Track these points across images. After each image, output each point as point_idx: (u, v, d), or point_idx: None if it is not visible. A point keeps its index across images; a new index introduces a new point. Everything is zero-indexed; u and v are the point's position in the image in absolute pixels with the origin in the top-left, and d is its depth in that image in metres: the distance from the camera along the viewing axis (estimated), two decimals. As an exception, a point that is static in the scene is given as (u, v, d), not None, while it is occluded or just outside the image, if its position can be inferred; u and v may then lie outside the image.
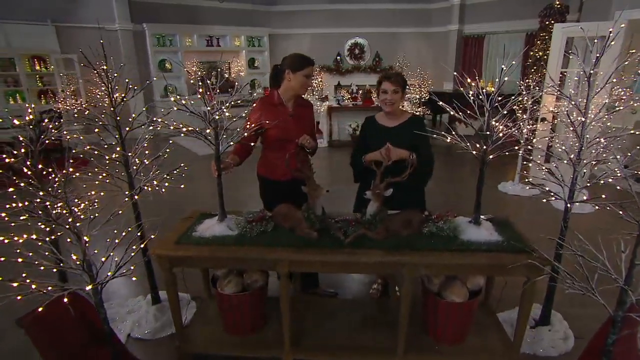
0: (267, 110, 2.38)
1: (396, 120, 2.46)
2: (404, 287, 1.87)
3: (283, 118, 2.38)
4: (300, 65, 2.31)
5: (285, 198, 2.18)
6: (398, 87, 2.32)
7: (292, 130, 2.38)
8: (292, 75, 2.33)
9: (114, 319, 2.64)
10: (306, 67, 2.32)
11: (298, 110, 2.45)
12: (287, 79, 2.36)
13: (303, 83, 2.34)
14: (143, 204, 4.58)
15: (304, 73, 2.31)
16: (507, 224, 2.15)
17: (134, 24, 8.22)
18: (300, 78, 2.32)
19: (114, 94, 2.14)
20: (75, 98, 7.34)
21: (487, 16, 8.86)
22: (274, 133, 2.38)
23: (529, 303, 1.92)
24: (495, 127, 1.82)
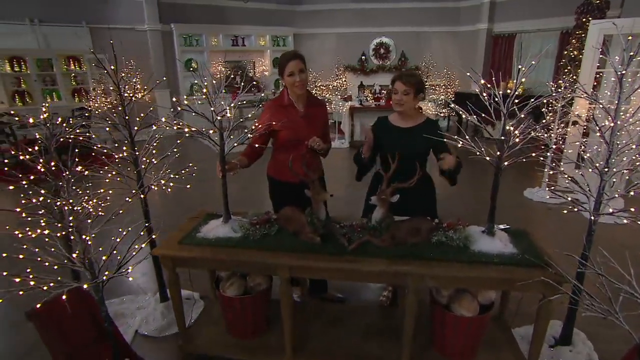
0: (277, 111, 2.35)
1: (411, 122, 2.37)
2: (409, 299, 1.79)
3: (293, 119, 2.34)
4: (281, 67, 2.28)
5: (294, 200, 2.13)
6: (410, 87, 2.23)
7: (302, 131, 2.33)
8: (282, 79, 2.32)
9: (123, 314, 2.68)
10: (285, 66, 2.25)
11: (309, 110, 2.40)
12: (282, 83, 2.36)
13: (291, 83, 2.27)
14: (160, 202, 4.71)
15: (287, 73, 2.26)
16: (525, 235, 2.02)
17: (162, 25, 8.44)
18: (287, 79, 2.27)
19: (124, 93, 2.15)
20: (106, 96, 7.61)
21: (519, 14, 8.48)
22: (284, 135, 2.35)
23: (545, 321, 1.78)
24: (510, 132, 1.70)
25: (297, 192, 2.18)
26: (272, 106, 2.40)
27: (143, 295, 2.91)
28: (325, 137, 2.47)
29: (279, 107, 2.36)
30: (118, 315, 2.67)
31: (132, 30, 8.25)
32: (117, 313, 2.68)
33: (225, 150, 2.02)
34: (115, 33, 8.09)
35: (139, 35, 8.32)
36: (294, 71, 2.24)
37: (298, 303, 2.47)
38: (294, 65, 2.23)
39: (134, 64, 7.92)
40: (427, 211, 2.22)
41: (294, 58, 2.25)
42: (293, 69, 2.23)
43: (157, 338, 2.49)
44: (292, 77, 2.25)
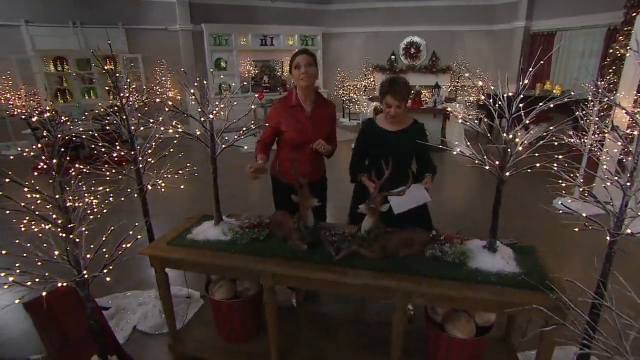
0: (284, 111, 2.32)
1: (398, 125, 2.25)
2: (396, 316, 1.67)
3: (299, 120, 2.31)
4: (290, 63, 2.30)
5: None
6: (403, 102, 2.15)
7: (308, 132, 2.29)
8: (292, 76, 2.31)
9: (126, 309, 2.73)
10: (293, 60, 2.27)
11: (316, 111, 2.36)
12: (293, 80, 2.34)
13: (297, 75, 2.25)
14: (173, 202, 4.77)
15: (294, 65, 2.26)
16: (532, 252, 1.84)
17: (193, 25, 8.65)
18: (294, 72, 2.28)
19: (123, 93, 2.17)
20: (138, 94, 7.91)
21: (560, 10, 7.94)
22: (289, 135, 2.32)
23: (549, 349, 1.61)
24: (511, 140, 1.54)
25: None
26: (279, 106, 2.37)
27: (147, 291, 2.96)
28: (331, 138, 2.43)
29: (286, 107, 2.34)
30: (120, 309, 2.72)
31: (164, 31, 8.52)
32: (119, 307, 2.73)
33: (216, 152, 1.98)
34: (149, 33, 8.40)
35: (171, 36, 8.57)
36: (300, 63, 2.22)
37: (291, 309, 2.41)
38: (301, 58, 2.23)
39: (165, 63, 8.23)
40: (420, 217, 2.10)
41: (302, 52, 2.27)
42: (300, 61, 2.22)
43: (153, 335, 2.51)
44: (297, 69, 2.23)
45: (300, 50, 2.30)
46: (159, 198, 4.84)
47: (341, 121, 10.48)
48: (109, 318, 2.58)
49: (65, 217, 1.72)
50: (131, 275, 3.15)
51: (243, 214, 2.18)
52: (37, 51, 7.41)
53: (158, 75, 8.23)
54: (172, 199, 4.97)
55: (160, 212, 4.37)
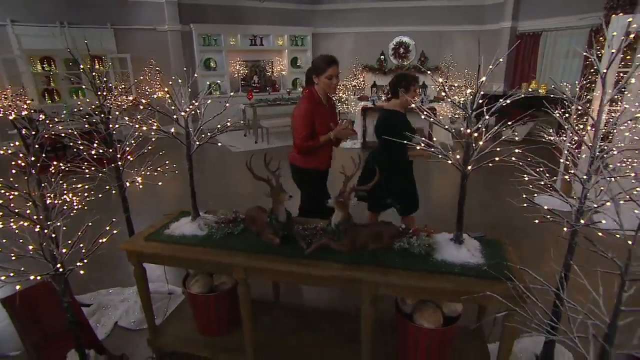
0: (314, 110, 2.56)
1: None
2: (365, 307, 1.72)
3: (324, 114, 2.60)
4: (322, 68, 2.49)
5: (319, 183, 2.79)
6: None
7: (329, 123, 2.60)
8: (317, 79, 2.54)
9: (107, 305, 2.76)
10: (327, 69, 2.48)
11: (329, 104, 2.72)
12: (315, 82, 2.57)
13: (327, 84, 2.52)
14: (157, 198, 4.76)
15: (327, 75, 2.49)
16: (499, 245, 1.90)
17: (182, 25, 8.65)
18: (324, 81, 2.50)
19: (102, 92, 2.20)
20: (127, 94, 7.89)
21: (545, 11, 8.06)
22: (321, 129, 2.58)
23: (510, 338, 1.67)
24: (473, 136, 1.60)
25: (322, 176, 2.81)
26: (310, 107, 2.56)
27: (130, 288, 2.98)
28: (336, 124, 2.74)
29: (316, 105, 2.57)
30: (102, 306, 2.75)
31: (153, 31, 8.51)
32: (101, 304, 2.76)
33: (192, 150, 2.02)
34: (138, 34, 8.39)
35: (160, 36, 8.57)
36: (332, 75, 2.49)
37: (269, 304, 2.46)
38: (334, 69, 2.50)
39: (155, 63, 8.21)
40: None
41: (335, 63, 2.52)
42: (333, 72, 2.49)
43: (134, 331, 2.55)
44: (330, 80, 2.50)
45: (332, 59, 2.51)
46: (144, 196, 4.90)
47: (331, 121, 10.54)
48: (90, 315, 2.61)
49: (43, 213, 1.75)
50: (114, 273, 3.18)
51: (220, 210, 2.22)
52: (23, 51, 7.37)
53: (147, 75, 8.21)
54: (158, 196, 5.01)
55: (144, 209, 4.40)
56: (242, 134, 8.72)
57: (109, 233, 1.90)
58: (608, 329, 1.21)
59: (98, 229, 1.81)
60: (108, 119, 2.29)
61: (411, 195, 3.00)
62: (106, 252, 2.07)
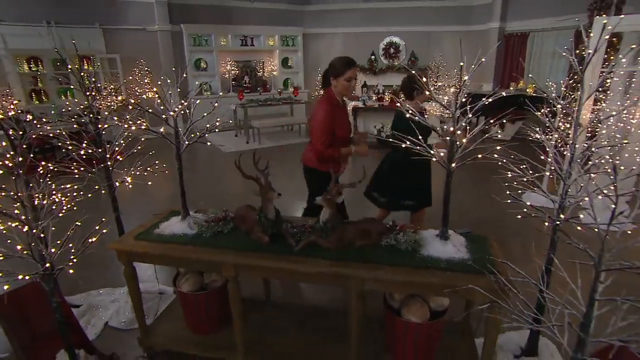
0: (334, 112, 2.52)
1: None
2: (353, 303, 1.75)
3: (343, 117, 2.61)
4: (341, 70, 2.45)
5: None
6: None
7: (347, 125, 2.63)
8: (335, 81, 2.49)
9: (98, 306, 2.75)
10: (346, 71, 2.44)
11: (345, 106, 2.71)
12: (333, 84, 2.52)
13: (346, 86, 2.48)
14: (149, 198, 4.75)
15: (345, 77, 2.45)
16: (484, 240, 1.95)
17: (172, 25, 8.61)
18: (342, 82, 2.46)
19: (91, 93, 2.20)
20: (116, 95, 7.84)
21: (532, 12, 8.20)
22: (340, 133, 2.56)
23: (494, 329, 1.71)
24: (456, 134, 1.64)
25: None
26: (330, 109, 2.52)
27: (120, 288, 2.98)
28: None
29: (335, 107, 2.54)
30: (93, 306, 2.74)
31: (143, 31, 8.46)
32: (91, 305, 2.75)
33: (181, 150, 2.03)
34: (128, 34, 8.33)
35: (150, 36, 8.52)
36: (351, 77, 2.46)
37: (260, 302, 2.48)
38: (353, 72, 2.46)
39: (144, 63, 8.16)
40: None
41: (354, 65, 2.49)
42: (352, 75, 2.46)
43: (125, 330, 2.55)
44: (349, 82, 2.46)
45: (350, 62, 2.47)
46: (134, 196, 4.88)
47: (322, 121, 10.57)
48: (80, 316, 2.60)
49: (31, 213, 1.75)
50: (105, 274, 3.17)
51: (210, 209, 2.23)
52: (8, 50, 7.27)
53: (137, 75, 8.15)
54: (148, 196, 4.99)
55: (134, 209, 4.39)
56: (233, 135, 8.72)
57: (98, 232, 1.91)
58: (584, 318, 1.26)
59: (88, 228, 1.82)
60: (97, 119, 2.29)
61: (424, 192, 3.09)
62: (96, 252, 2.08)
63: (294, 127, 9.20)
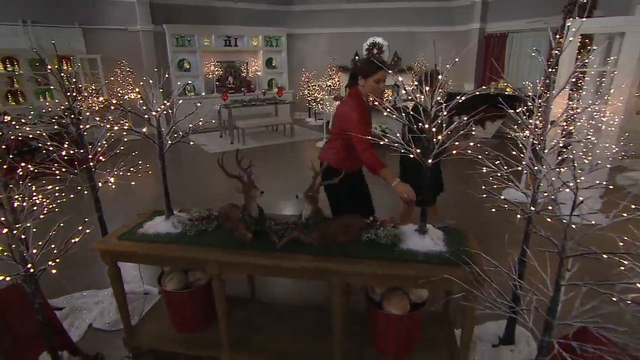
0: (363, 110, 2.51)
1: None
2: (335, 297, 1.80)
3: (369, 117, 2.58)
4: (371, 71, 2.43)
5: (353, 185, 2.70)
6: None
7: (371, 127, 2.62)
8: (363, 80, 2.48)
9: (81, 308, 2.73)
10: (377, 72, 2.42)
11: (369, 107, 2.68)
12: (360, 84, 2.51)
13: (374, 88, 2.44)
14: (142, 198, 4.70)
15: (374, 78, 2.42)
16: (461, 234, 2.02)
17: (154, 25, 8.52)
18: (372, 84, 2.44)
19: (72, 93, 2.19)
20: (97, 96, 7.71)
21: (510, 14, 8.42)
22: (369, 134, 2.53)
23: (470, 318, 1.78)
24: (435, 131, 1.71)
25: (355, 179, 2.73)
26: (361, 109, 2.49)
27: (104, 290, 2.96)
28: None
29: (363, 108, 2.52)
30: (76, 309, 2.72)
31: (124, 31, 8.35)
32: (74, 307, 2.73)
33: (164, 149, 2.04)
34: (109, 34, 8.21)
35: (132, 36, 8.41)
36: (380, 79, 2.44)
37: (245, 300, 2.51)
38: (383, 74, 2.43)
39: (126, 64, 8.06)
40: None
41: (385, 69, 2.43)
42: (382, 77, 2.43)
43: (109, 332, 2.54)
44: (378, 83, 2.44)
45: (381, 64, 2.44)
46: (117, 197, 4.84)
47: (307, 121, 10.62)
48: (63, 318, 2.58)
49: (11, 215, 1.74)
50: (88, 276, 3.15)
51: (194, 208, 2.25)
52: (-19, 50, 7.09)
53: (119, 76, 8.04)
54: (132, 197, 4.95)
55: (118, 210, 4.34)
56: (217, 135, 8.68)
57: (81, 233, 1.91)
58: (551, 303, 1.34)
59: (70, 230, 1.82)
60: (79, 120, 2.28)
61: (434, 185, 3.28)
62: (80, 253, 2.07)
63: (278, 128, 9.21)
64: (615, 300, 1.19)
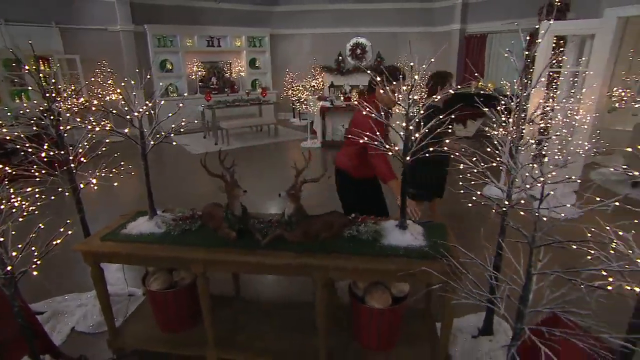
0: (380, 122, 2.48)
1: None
2: (318, 292, 1.84)
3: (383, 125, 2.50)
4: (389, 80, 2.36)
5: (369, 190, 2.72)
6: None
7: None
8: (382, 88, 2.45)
9: (63, 312, 2.69)
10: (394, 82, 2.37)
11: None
12: (378, 92, 2.52)
13: (389, 97, 2.37)
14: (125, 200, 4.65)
15: (391, 88, 2.37)
16: (441, 228, 2.09)
17: (135, 25, 8.41)
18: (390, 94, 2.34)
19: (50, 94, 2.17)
20: (77, 97, 7.55)
21: (489, 15, 8.64)
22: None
23: (449, 308, 1.84)
24: (412, 130, 1.77)
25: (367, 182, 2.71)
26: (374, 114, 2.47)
27: (87, 292, 2.93)
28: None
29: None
30: (57, 313, 2.68)
31: (104, 31, 8.20)
32: (56, 311, 2.69)
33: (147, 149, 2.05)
34: (88, 34, 8.06)
35: (112, 36, 8.28)
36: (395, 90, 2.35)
37: (229, 298, 2.52)
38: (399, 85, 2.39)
39: (107, 64, 7.92)
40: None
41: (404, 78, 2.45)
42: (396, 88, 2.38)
43: (93, 334, 2.51)
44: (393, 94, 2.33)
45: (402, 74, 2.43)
46: (100, 199, 4.78)
47: (291, 121, 10.64)
48: (44, 322, 2.54)
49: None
50: (71, 279, 3.10)
51: (177, 208, 2.26)
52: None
53: (99, 77, 7.89)
54: (115, 198, 4.90)
55: (101, 211, 4.29)
56: (201, 136, 8.62)
57: (63, 234, 1.89)
58: (522, 291, 1.41)
59: (52, 232, 1.81)
60: (58, 121, 2.26)
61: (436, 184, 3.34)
62: (62, 256, 2.06)
63: (262, 128, 9.20)
64: (581, 286, 1.27)
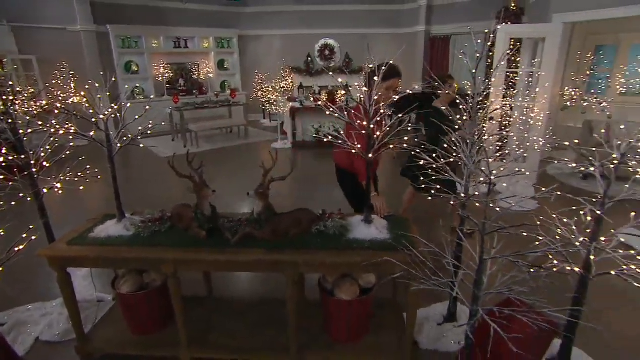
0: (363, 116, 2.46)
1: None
2: (288, 287, 1.90)
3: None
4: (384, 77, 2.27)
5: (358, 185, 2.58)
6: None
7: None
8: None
9: (26, 322, 2.61)
10: (389, 79, 2.36)
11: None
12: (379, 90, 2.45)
13: (384, 94, 2.32)
14: (86, 205, 4.53)
15: (387, 85, 2.36)
16: (405, 222, 2.20)
17: (97, 25, 8.13)
18: (384, 91, 2.35)
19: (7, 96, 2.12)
20: (35, 100, 7.23)
21: (452, 17, 8.99)
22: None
23: (414, 298, 1.94)
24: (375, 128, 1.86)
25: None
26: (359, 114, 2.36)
27: (52, 301, 2.85)
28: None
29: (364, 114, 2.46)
30: (20, 323, 2.59)
31: (63, 31, 7.88)
32: (19, 321, 2.60)
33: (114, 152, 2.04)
34: (45, 33, 7.72)
35: (72, 36, 7.96)
36: (392, 86, 2.39)
37: (201, 298, 2.54)
38: (396, 82, 2.41)
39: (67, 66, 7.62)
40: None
41: (399, 76, 2.41)
42: (394, 85, 2.40)
43: (60, 343, 2.45)
44: (388, 90, 2.38)
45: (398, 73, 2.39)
46: (66, 204, 4.62)
47: (262, 122, 10.62)
48: (6, 334, 2.46)
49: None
50: (34, 288, 3.00)
51: (146, 210, 2.25)
52: None
53: (59, 79, 7.57)
54: (81, 203, 4.75)
55: (67, 216, 4.16)
56: (170, 139, 8.46)
57: (25, 240, 1.86)
58: (476, 275, 1.53)
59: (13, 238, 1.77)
60: (16, 125, 2.20)
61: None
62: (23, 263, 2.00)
63: (232, 130, 9.14)
64: (523, 268, 1.40)
